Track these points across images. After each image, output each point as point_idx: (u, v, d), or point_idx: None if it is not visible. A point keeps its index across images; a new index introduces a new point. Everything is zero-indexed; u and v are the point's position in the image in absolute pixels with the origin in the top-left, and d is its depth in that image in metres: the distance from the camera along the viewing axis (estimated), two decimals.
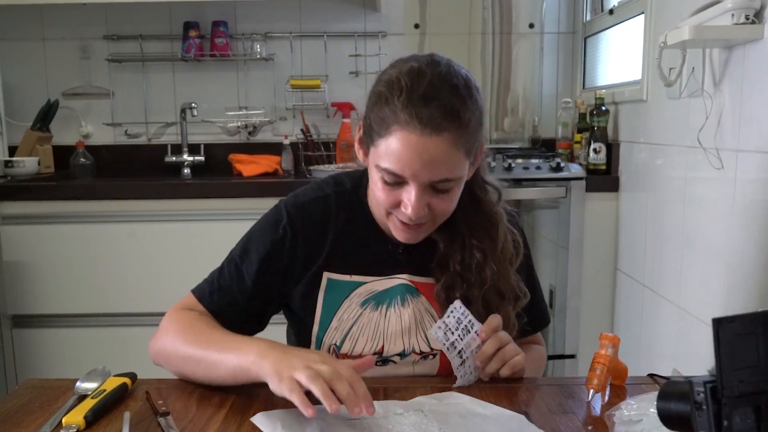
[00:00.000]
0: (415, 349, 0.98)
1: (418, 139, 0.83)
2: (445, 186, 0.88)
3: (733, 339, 0.61)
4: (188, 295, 1.00)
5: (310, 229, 0.98)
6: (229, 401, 0.86)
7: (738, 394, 0.61)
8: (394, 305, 0.98)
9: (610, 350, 0.87)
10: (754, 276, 1.35)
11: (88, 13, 2.54)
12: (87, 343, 2.14)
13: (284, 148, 2.51)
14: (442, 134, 0.84)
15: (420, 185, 0.87)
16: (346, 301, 0.97)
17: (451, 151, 0.85)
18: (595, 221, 2.14)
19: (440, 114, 0.83)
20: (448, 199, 0.90)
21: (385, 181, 0.88)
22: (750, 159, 1.36)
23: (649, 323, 1.90)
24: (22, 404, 0.86)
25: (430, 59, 0.88)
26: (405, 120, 0.84)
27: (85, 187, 2.25)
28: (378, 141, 0.87)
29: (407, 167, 0.85)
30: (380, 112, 0.86)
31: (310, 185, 1.04)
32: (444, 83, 0.85)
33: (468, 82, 0.88)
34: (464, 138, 0.86)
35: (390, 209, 0.91)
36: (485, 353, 0.90)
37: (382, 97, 0.87)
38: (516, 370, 0.92)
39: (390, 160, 0.86)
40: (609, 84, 2.34)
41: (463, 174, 0.90)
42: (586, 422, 0.81)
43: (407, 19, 2.61)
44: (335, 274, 0.98)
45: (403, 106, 0.84)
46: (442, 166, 0.86)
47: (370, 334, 0.97)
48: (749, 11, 1.31)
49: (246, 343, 0.86)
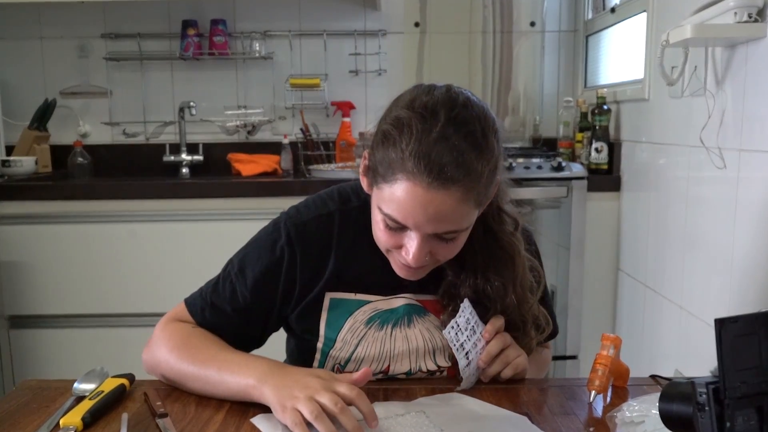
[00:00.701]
0: (422, 368, 0.96)
1: (425, 192, 0.77)
2: (450, 236, 0.83)
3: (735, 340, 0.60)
4: (180, 305, 0.96)
5: (311, 249, 0.93)
6: (228, 402, 0.86)
7: (740, 395, 0.61)
8: (400, 325, 0.95)
9: (612, 351, 0.87)
10: (757, 276, 1.34)
11: (86, 11, 2.53)
12: (85, 344, 2.13)
13: (283, 148, 2.50)
14: (450, 189, 0.77)
15: (423, 235, 0.81)
16: (350, 318, 0.94)
17: (459, 206, 0.79)
18: (596, 221, 2.13)
19: (451, 169, 0.76)
20: (452, 246, 0.85)
21: (387, 224, 0.83)
22: (753, 158, 1.35)
23: (651, 324, 1.90)
24: (19, 405, 0.85)
25: (447, 96, 0.81)
26: (411, 170, 0.77)
27: (82, 187, 2.24)
28: (382, 185, 0.81)
29: (410, 218, 0.80)
30: (386, 154, 0.80)
31: (314, 198, 0.98)
32: (458, 130, 0.78)
33: (486, 124, 0.81)
34: (475, 191, 0.79)
35: (390, 250, 0.87)
36: (489, 354, 0.90)
37: (389, 138, 0.80)
38: (518, 371, 0.92)
39: (393, 208, 0.80)
40: (611, 83, 2.33)
41: (470, 224, 0.85)
42: (587, 423, 0.81)
43: (407, 18, 2.60)
44: (338, 293, 0.94)
45: (410, 154, 0.77)
46: (447, 220, 0.80)
47: (376, 355, 0.94)
48: (752, 9, 1.31)
49: (245, 365, 0.83)
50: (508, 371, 0.91)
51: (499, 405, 0.85)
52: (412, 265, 0.84)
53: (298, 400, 0.75)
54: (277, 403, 0.77)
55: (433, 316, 0.96)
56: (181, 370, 0.88)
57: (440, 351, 0.96)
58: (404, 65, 2.60)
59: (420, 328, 0.95)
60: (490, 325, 0.91)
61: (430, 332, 0.95)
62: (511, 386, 0.91)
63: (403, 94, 0.85)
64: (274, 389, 0.78)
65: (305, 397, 0.75)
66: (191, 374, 0.87)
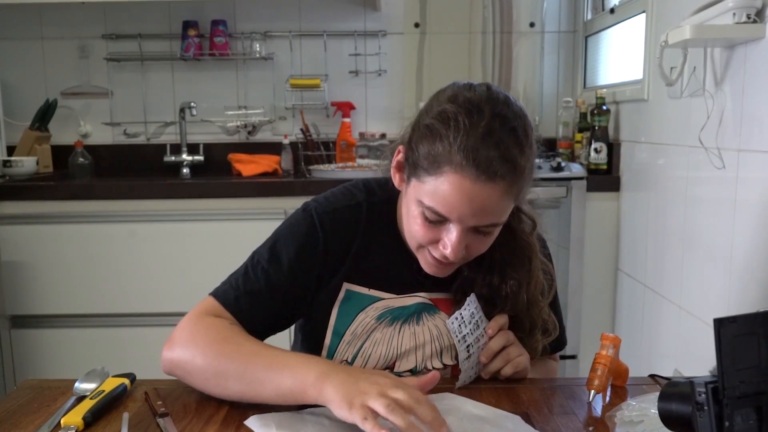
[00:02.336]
0: (428, 366, 0.96)
1: (472, 185, 0.79)
2: (488, 229, 0.85)
3: (734, 339, 0.61)
4: (208, 299, 0.91)
5: (338, 237, 0.93)
6: (228, 402, 0.86)
7: (739, 395, 0.61)
8: (410, 323, 0.95)
9: (611, 351, 0.87)
10: (756, 276, 1.34)
11: (87, 12, 2.54)
12: (86, 344, 2.13)
13: (284, 148, 2.51)
14: (497, 182, 0.79)
15: (464, 228, 0.83)
16: (362, 314, 0.94)
17: (503, 199, 0.81)
18: (596, 221, 2.14)
19: (498, 162, 0.79)
20: (487, 241, 0.87)
21: (426, 217, 0.84)
22: (752, 159, 1.36)
23: (650, 324, 1.90)
24: (20, 405, 0.85)
25: (488, 94, 0.83)
26: (459, 163, 0.79)
27: (83, 187, 2.24)
28: (425, 178, 0.82)
29: (455, 211, 0.81)
30: (432, 148, 0.81)
31: (340, 189, 0.98)
32: (503, 125, 0.80)
33: (526, 122, 0.84)
34: (518, 185, 0.82)
35: (426, 244, 0.87)
36: (491, 350, 0.90)
37: (434, 132, 0.81)
38: (518, 369, 0.92)
39: (437, 200, 0.81)
40: (610, 83, 2.33)
41: (507, 217, 0.87)
42: (587, 423, 0.81)
43: (407, 18, 2.60)
44: (354, 285, 0.94)
45: (458, 147, 0.79)
46: (490, 213, 0.82)
47: (383, 351, 0.94)
48: (750, 10, 1.31)
49: (301, 362, 0.79)
50: (508, 369, 0.91)
51: (499, 404, 0.85)
52: (450, 258, 0.85)
53: (368, 396, 0.71)
54: (343, 399, 0.72)
55: (443, 314, 0.96)
56: (220, 367, 0.82)
57: (447, 350, 0.95)
58: (404, 66, 2.61)
59: (429, 325, 0.95)
60: (494, 322, 0.92)
61: (438, 330, 0.95)
62: (510, 386, 0.91)
63: (442, 90, 0.86)
64: (339, 385, 0.74)
65: (376, 392, 0.71)
66: (233, 372, 0.81)
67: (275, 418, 0.79)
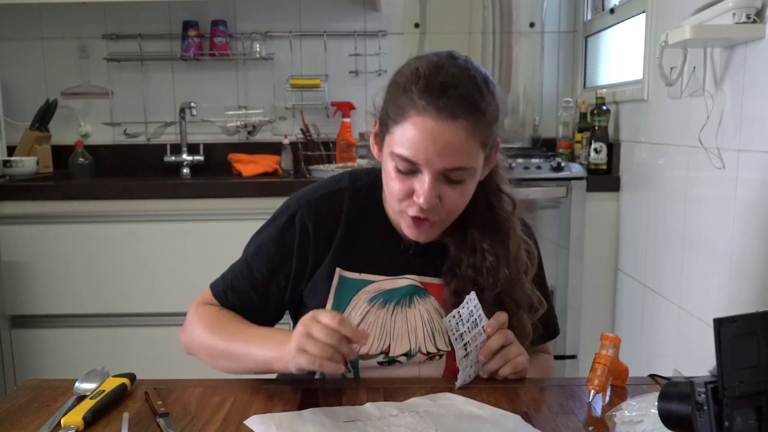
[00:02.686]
0: (422, 350, 0.97)
1: (434, 124, 0.84)
2: (458, 176, 0.88)
3: (734, 339, 0.61)
4: (207, 291, 1.03)
5: (322, 224, 0.97)
6: (229, 401, 0.86)
7: (739, 395, 0.61)
8: (402, 305, 0.97)
9: (611, 351, 0.87)
10: (756, 276, 1.34)
11: (87, 12, 2.54)
12: (86, 344, 2.13)
13: (284, 148, 2.51)
14: (459, 121, 0.84)
15: (433, 172, 0.86)
16: (355, 298, 0.97)
17: (467, 140, 0.86)
18: (595, 221, 2.14)
19: (458, 102, 0.84)
20: (460, 191, 0.90)
21: (399, 169, 0.88)
22: (751, 159, 1.36)
23: (650, 323, 1.90)
24: (20, 405, 0.85)
25: (450, 54, 0.90)
26: (422, 106, 0.84)
27: (83, 187, 2.24)
28: (393, 128, 0.88)
29: (421, 153, 0.85)
30: (398, 100, 0.88)
31: (328, 178, 1.04)
32: (463, 73, 0.87)
33: (487, 78, 0.90)
34: (480, 128, 0.86)
35: (402, 199, 0.90)
36: (489, 348, 0.90)
37: (400, 86, 0.88)
38: (517, 369, 0.92)
39: (405, 145, 0.86)
40: (610, 83, 2.33)
41: (476, 166, 0.90)
42: (587, 423, 0.81)
43: (407, 19, 2.60)
44: (346, 271, 0.98)
45: (420, 93, 0.85)
46: (456, 153, 0.86)
47: (377, 333, 0.96)
48: (750, 10, 1.31)
49: (269, 335, 0.92)
50: (506, 369, 0.91)
51: (498, 404, 0.85)
52: (424, 206, 0.88)
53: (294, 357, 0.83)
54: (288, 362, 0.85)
55: (434, 299, 0.98)
56: (213, 347, 0.95)
57: (439, 334, 0.97)
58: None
59: (420, 309, 0.97)
60: (493, 320, 0.92)
61: (429, 314, 0.98)
62: (510, 386, 0.91)
63: (408, 61, 0.93)
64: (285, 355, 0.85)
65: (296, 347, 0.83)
66: (222, 351, 0.94)
67: (275, 418, 0.79)
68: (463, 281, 0.96)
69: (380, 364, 0.97)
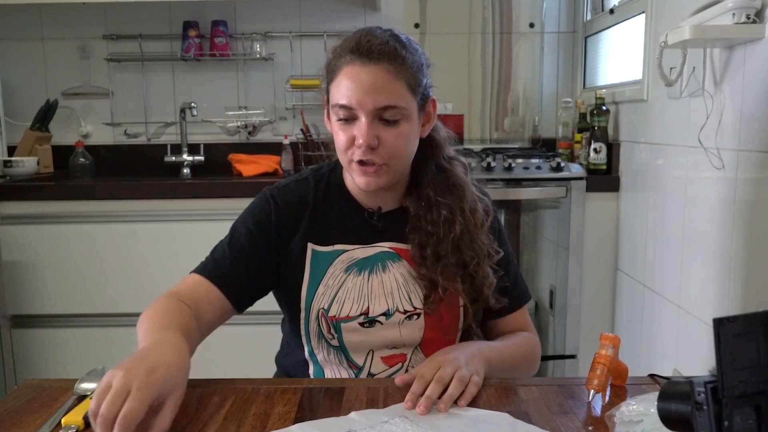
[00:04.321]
0: (399, 309, 1.02)
1: (360, 68, 0.94)
2: (391, 115, 0.95)
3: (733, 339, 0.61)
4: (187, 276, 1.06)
5: (292, 205, 1.05)
6: (229, 401, 0.86)
7: (739, 394, 0.61)
8: (376, 271, 1.03)
9: (611, 350, 0.87)
10: (755, 276, 1.34)
11: (88, 12, 2.54)
12: (86, 344, 2.14)
13: (284, 148, 2.51)
14: (381, 64, 0.94)
15: (368, 113, 0.95)
16: (330, 267, 1.03)
17: (391, 80, 0.95)
18: (595, 221, 2.14)
19: (379, 49, 0.94)
20: (397, 132, 0.97)
21: (340, 118, 0.97)
22: (751, 159, 1.36)
23: (649, 323, 1.90)
24: (21, 404, 0.85)
25: (377, 27, 1.00)
26: (350, 59, 0.95)
27: (84, 187, 2.24)
28: (331, 85, 0.98)
29: (353, 96, 0.94)
30: (332, 64, 0.98)
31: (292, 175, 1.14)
32: (385, 32, 0.98)
33: (410, 39, 1.00)
34: (403, 71, 0.95)
35: (347, 148, 0.98)
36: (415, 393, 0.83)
37: (334, 53, 0.99)
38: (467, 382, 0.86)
39: (340, 94, 0.96)
40: (609, 84, 2.34)
41: (407, 107, 0.97)
42: (586, 422, 0.81)
43: (407, 19, 2.61)
44: (318, 246, 1.04)
45: (347, 50, 0.96)
46: (382, 90, 0.94)
47: (356, 297, 1.02)
48: (750, 11, 1.31)
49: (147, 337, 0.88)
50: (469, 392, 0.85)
51: (499, 404, 0.85)
52: (363, 144, 0.95)
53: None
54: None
55: (406, 262, 1.04)
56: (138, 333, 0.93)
57: (414, 294, 1.03)
58: None
59: (395, 272, 1.03)
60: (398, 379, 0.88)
61: (403, 277, 1.03)
62: (510, 386, 0.92)
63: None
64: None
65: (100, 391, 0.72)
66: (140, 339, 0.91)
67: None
68: (424, 235, 1.02)
69: (361, 325, 1.01)
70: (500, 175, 2.08)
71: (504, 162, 2.11)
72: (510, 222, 2.47)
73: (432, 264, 1.01)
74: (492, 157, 2.11)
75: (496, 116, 2.67)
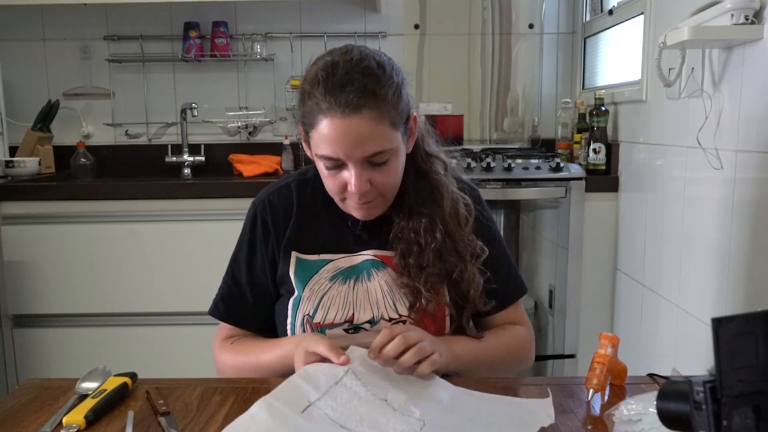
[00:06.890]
0: (384, 316, 1.02)
1: (341, 121, 0.90)
2: (380, 159, 0.94)
3: (732, 339, 0.61)
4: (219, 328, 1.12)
5: (276, 217, 1.06)
6: (230, 401, 0.86)
7: (737, 394, 0.61)
8: (361, 280, 1.03)
9: (610, 350, 0.88)
10: (754, 276, 1.35)
11: (89, 13, 2.54)
12: (87, 343, 2.14)
13: (284, 149, 2.51)
14: (362, 112, 0.90)
15: (356, 163, 0.93)
16: (315, 276, 1.04)
17: (375, 126, 0.91)
18: (594, 221, 2.14)
19: (356, 95, 0.90)
20: (387, 171, 0.96)
21: (327, 167, 0.96)
22: (749, 159, 1.36)
23: (648, 323, 1.91)
24: (22, 404, 0.86)
25: (344, 50, 0.96)
26: (327, 108, 0.91)
27: (85, 188, 2.25)
28: (312, 133, 0.95)
29: (339, 149, 0.92)
30: (307, 106, 0.94)
31: (278, 179, 1.13)
32: (355, 68, 0.92)
33: (381, 62, 0.95)
34: (385, 112, 0.92)
35: (339, 193, 0.98)
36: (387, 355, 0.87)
37: (305, 93, 0.95)
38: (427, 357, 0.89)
39: (323, 146, 0.93)
40: (608, 84, 2.34)
41: (395, 145, 0.95)
42: (585, 422, 0.81)
43: (407, 20, 2.61)
44: (303, 254, 1.05)
45: (323, 96, 0.91)
46: (369, 141, 0.91)
47: (341, 304, 1.02)
48: (748, 11, 1.32)
49: (279, 341, 1.01)
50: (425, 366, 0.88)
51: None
52: (356, 193, 0.95)
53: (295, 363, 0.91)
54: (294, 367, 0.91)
55: (390, 270, 1.04)
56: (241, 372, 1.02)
57: (399, 302, 1.03)
58: (404, 67, 2.60)
59: (379, 281, 1.03)
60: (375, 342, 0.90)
61: (388, 285, 1.03)
62: (510, 385, 0.92)
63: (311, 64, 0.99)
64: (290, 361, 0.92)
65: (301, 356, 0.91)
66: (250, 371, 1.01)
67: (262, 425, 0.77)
68: (407, 244, 1.02)
69: (346, 331, 1.02)
70: (500, 176, 2.08)
71: (503, 162, 2.11)
72: (509, 222, 2.48)
73: (415, 274, 1.00)
74: (491, 157, 2.11)
75: (495, 117, 2.68)
